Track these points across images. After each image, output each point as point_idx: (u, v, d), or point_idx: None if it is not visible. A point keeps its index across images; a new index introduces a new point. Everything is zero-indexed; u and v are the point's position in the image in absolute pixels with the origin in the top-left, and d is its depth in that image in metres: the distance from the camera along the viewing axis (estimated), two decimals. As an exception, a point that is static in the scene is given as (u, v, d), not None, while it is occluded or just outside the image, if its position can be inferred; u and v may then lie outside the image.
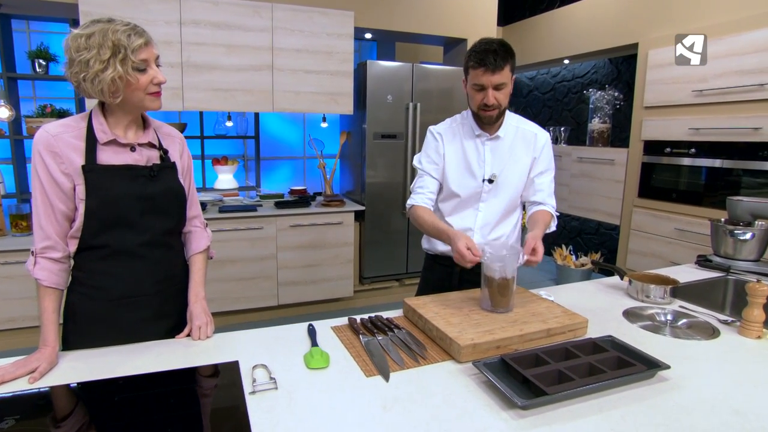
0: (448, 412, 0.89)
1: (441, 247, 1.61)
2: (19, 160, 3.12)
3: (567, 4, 4.14)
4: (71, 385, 0.98)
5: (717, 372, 1.06)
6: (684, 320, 1.35)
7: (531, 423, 0.86)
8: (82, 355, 1.10)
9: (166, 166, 1.22)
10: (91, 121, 1.12)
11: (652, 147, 3.31)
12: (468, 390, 0.97)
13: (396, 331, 1.24)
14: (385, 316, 1.35)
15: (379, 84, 3.42)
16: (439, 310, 1.28)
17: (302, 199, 3.52)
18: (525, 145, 1.55)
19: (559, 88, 4.84)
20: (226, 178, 3.73)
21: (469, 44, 3.82)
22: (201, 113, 3.65)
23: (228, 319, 3.21)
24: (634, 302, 1.50)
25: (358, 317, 1.33)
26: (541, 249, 1.34)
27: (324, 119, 3.92)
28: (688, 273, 1.84)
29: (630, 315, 1.39)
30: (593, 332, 1.23)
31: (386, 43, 4.26)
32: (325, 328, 1.28)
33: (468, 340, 1.09)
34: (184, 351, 1.14)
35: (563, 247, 4.27)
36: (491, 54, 1.36)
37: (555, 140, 4.39)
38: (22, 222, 2.82)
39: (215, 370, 1.07)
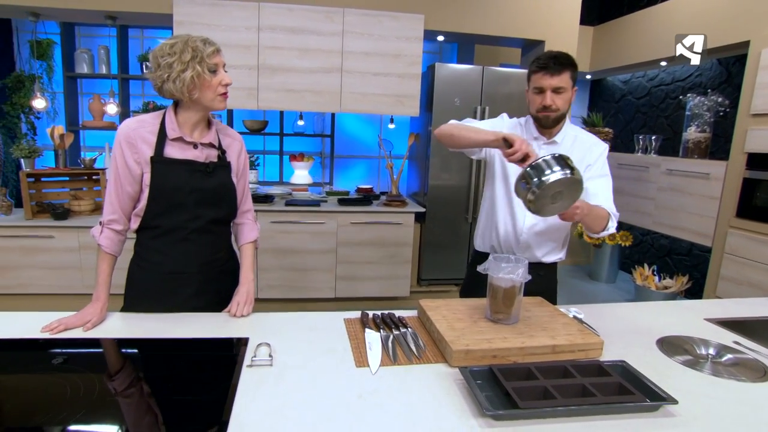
0: (419, 410, 0.90)
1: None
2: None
3: None
4: (114, 339, 1.17)
5: (743, 418, 0.92)
6: (729, 356, 1.19)
7: (498, 435, 0.83)
8: (126, 317, 1.30)
9: (222, 165, 1.39)
10: (165, 119, 1.32)
11: (758, 160, 2.88)
12: (447, 393, 0.96)
13: (402, 329, 1.26)
14: (397, 315, 1.37)
15: (447, 87, 3.41)
16: (448, 314, 1.27)
17: (366, 198, 3.62)
18: (581, 152, 1.57)
19: (655, 92, 4.39)
20: (301, 174, 3.97)
21: (547, 46, 3.67)
22: (281, 112, 3.92)
23: (286, 306, 3.41)
24: (676, 331, 1.35)
25: (371, 312, 1.37)
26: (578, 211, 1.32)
27: (392, 120, 3.99)
28: (766, 307, 1.60)
29: (665, 344, 1.25)
30: (611, 356, 1.14)
31: (467, 45, 4.21)
32: (338, 319, 1.34)
33: (462, 345, 1.08)
34: (210, 323, 1.28)
35: (645, 266, 3.88)
36: (551, 59, 1.45)
37: (644, 149, 4.00)
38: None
39: (226, 342, 1.19)
